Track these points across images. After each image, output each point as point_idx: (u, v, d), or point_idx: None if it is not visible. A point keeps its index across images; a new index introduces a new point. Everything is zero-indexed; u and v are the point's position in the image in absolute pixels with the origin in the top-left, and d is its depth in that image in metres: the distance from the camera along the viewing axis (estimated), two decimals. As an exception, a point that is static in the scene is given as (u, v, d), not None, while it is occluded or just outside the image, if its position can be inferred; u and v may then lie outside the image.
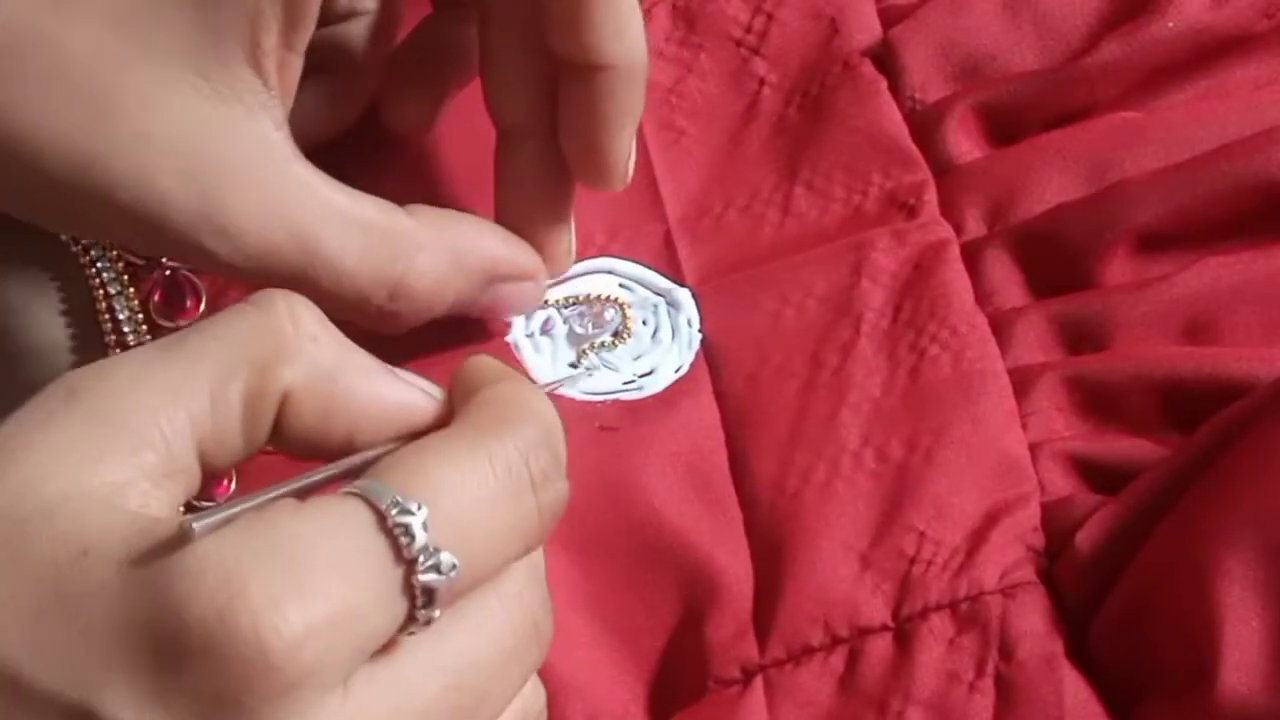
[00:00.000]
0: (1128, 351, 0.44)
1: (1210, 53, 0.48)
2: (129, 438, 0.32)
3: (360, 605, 0.31)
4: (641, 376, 0.46)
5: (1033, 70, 0.49)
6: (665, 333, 0.47)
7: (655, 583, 0.43)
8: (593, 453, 0.44)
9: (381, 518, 0.31)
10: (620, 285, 0.48)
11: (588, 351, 0.46)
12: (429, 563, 0.31)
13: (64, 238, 0.47)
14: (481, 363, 0.36)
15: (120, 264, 0.47)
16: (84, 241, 0.47)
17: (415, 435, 0.35)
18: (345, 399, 0.34)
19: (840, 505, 0.43)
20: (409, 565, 0.31)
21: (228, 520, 0.30)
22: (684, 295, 0.47)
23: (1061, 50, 0.49)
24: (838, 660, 0.42)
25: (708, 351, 0.46)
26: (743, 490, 0.44)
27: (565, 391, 0.45)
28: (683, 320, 0.47)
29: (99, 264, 0.47)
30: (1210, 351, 0.44)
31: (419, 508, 0.31)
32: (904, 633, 0.42)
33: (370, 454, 0.34)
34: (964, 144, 0.48)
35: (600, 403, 0.45)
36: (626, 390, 0.46)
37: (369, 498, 0.31)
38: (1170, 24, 0.47)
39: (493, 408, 0.34)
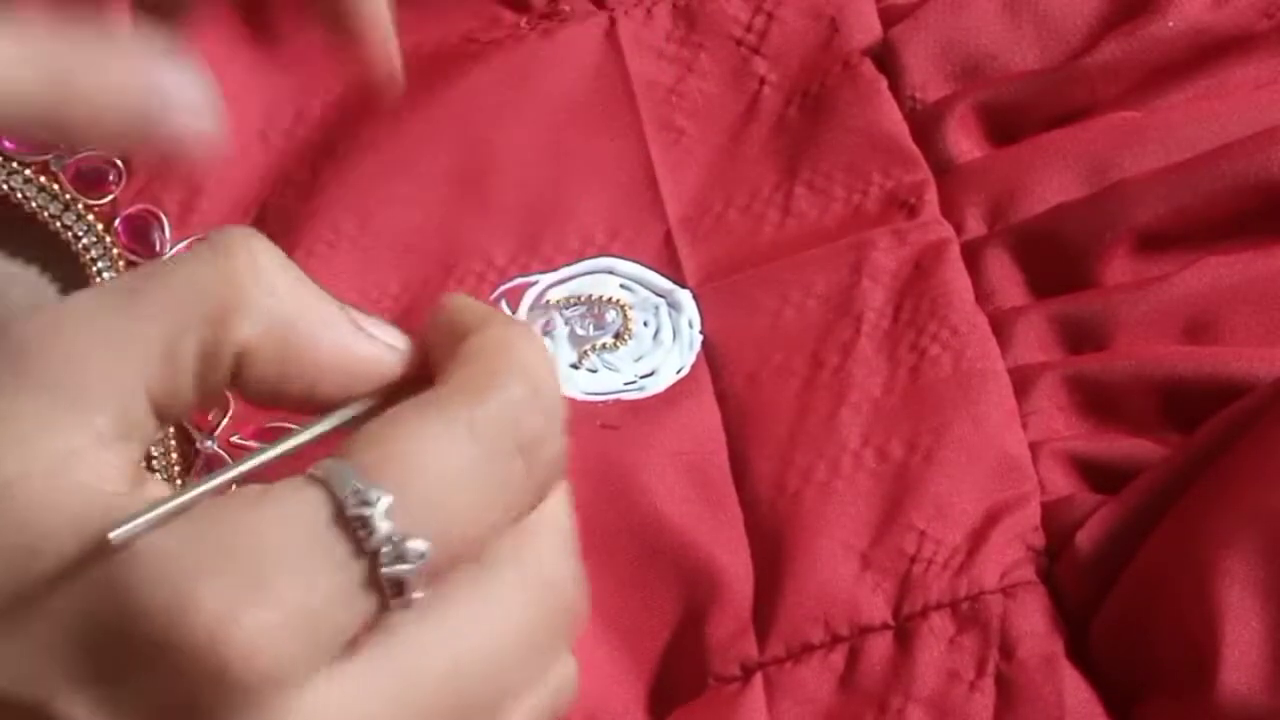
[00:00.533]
0: (1128, 351, 0.44)
1: (1210, 52, 0.48)
2: (79, 401, 0.31)
3: (320, 603, 0.29)
4: (643, 377, 0.46)
5: (1033, 70, 0.49)
6: (666, 334, 0.47)
7: (656, 581, 0.43)
8: (594, 452, 0.44)
9: (340, 508, 0.29)
10: (621, 285, 0.48)
11: (589, 353, 0.46)
12: (393, 554, 0.29)
13: (63, 235, 0.47)
14: (461, 306, 0.33)
15: (121, 262, 0.47)
16: (83, 240, 0.47)
17: (385, 389, 0.33)
18: (306, 353, 0.32)
19: (841, 504, 0.43)
20: (371, 558, 0.29)
21: (153, 523, 0.29)
22: (685, 296, 0.47)
23: (1062, 50, 0.49)
24: (838, 658, 0.42)
25: (709, 352, 0.46)
26: (743, 489, 0.44)
27: (566, 392, 0.45)
28: (684, 322, 0.47)
29: (100, 264, 0.47)
30: (1210, 351, 0.44)
31: (378, 498, 0.29)
32: (904, 631, 0.42)
33: (335, 416, 0.32)
34: (964, 143, 0.48)
35: (602, 403, 0.45)
36: (628, 390, 0.46)
37: (330, 484, 0.30)
38: (1170, 23, 0.47)
39: (475, 364, 0.32)
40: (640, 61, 0.50)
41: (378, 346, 0.33)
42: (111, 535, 0.29)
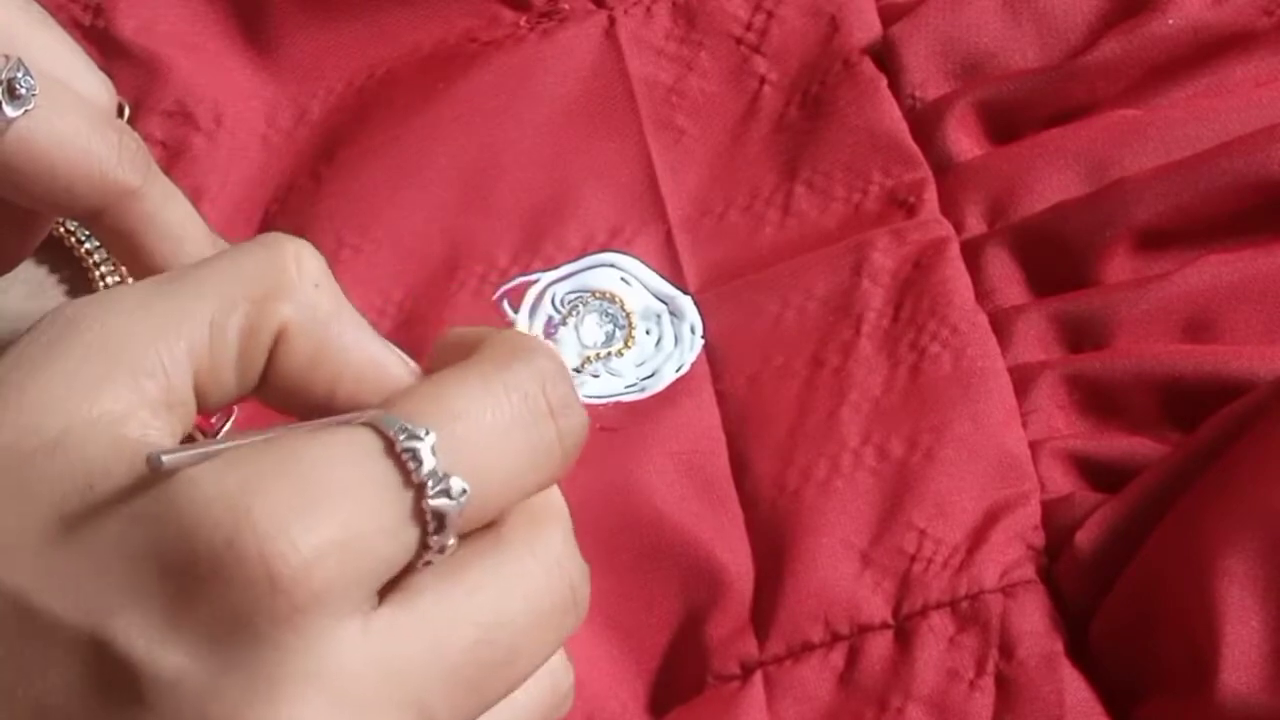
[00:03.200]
0: (1128, 349, 0.44)
1: (1210, 50, 0.48)
2: (129, 366, 0.32)
3: (369, 529, 0.30)
4: (643, 380, 0.46)
5: (1033, 68, 0.49)
6: (668, 341, 0.47)
7: (656, 580, 0.44)
8: (594, 452, 0.44)
9: (390, 443, 0.31)
10: (621, 279, 0.48)
11: (591, 360, 0.46)
12: (438, 487, 0.31)
13: (68, 242, 0.47)
14: (464, 329, 0.36)
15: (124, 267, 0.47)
16: (87, 245, 0.47)
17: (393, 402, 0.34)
18: (336, 347, 0.34)
19: (841, 503, 0.43)
20: (418, 490, 0.31)
21: (205, 456, 0.30)
22: (686, 303, 0.47)
23: (1061, 48, 0.49)
24: (838, 657, 0.42)
25: (710, 354, 0.46)
26: (744, 488, 0.44)
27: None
28: (685, 328, 0.47)
29: (102, 268, 0.47)
30: (1210, 349, 0.44)
31: (426, 433, 0.31)
32: (904, 630, 0.42)
33: (347, 418, 0.33)
34: (964, 142, 0.48)
35: (602, 405, 0.45)
36: (628, 392, 0.46)
37: (377, 425, 0.31)
38: (1170, 21, 0.47)
39: (503, 346, 0.34)
40: (640, 61, 0.50)
41: (397, 356, 0.35)
42: (165, 458, 0.30)
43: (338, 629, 0.30)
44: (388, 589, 0.31)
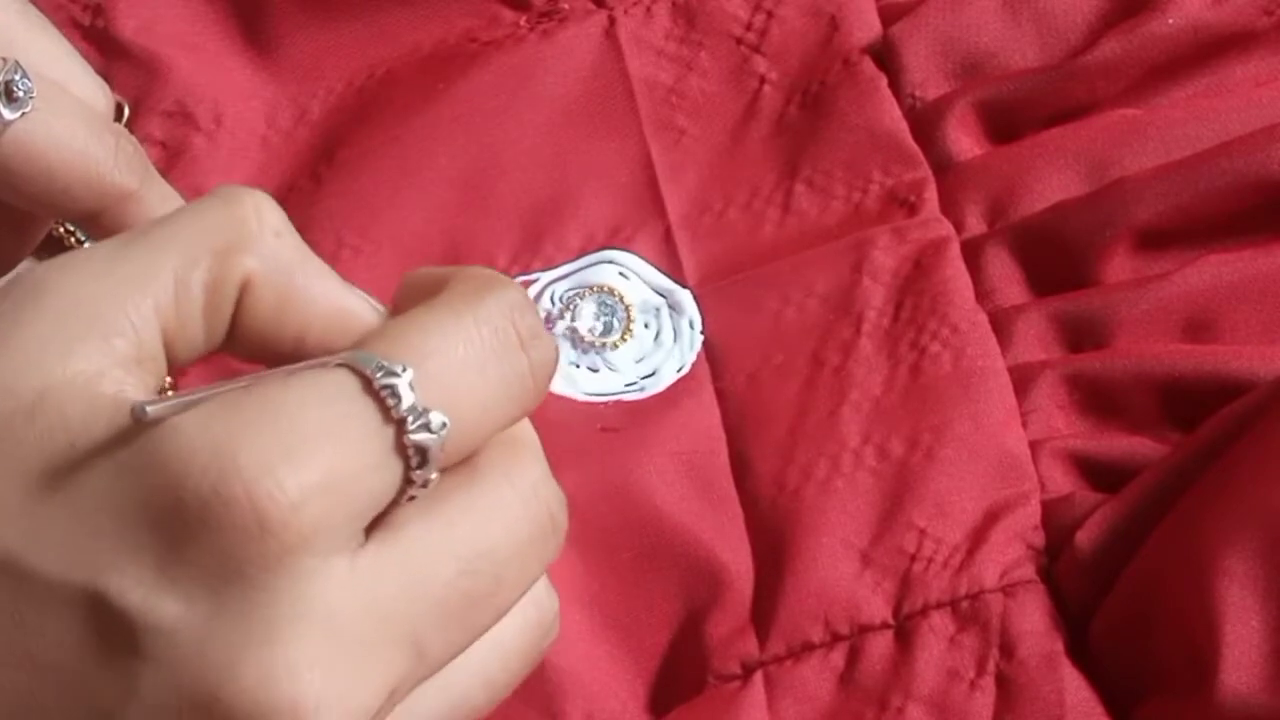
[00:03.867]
0: (1128, 349, 0.44)
1: (1210, 50, 0.48)
2: (98, 326, 0.32)
3: (354, 467, 0.31)
4: (644, 378, 0.46)
5: (1033, 67, 0.49)
6: (667, 335, 0.47)
7: (657, 580, 0.44)
8: (595, 452, 0.44)
9: (368, 381, 0.31)
10: (620, 274, 0.48)
11: (589, 350, 0.46)
12: (418, 422, 0.31)
13: (68, 242, 0.47)
14: (429, 269, 0.36)
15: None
16: (86, 244, 0.47)
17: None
18: (302, 295, 0.34)
19: (841, 503, 0.43)
20: (399, 425, 0.31)
21: (187, 405, 0.30)
22: (685, 297, 0.47)
23: (1061, 47, 0.49)
24: (838, 657, 0.42)
25: (709, 352, 0.46)
26: (744, 488, 0.44)
27: (567, 392, 0.46)
28: (684, 323, 0.47)
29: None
30: (1210, 349, 0.44)
31: (404, 369, 0.31)
32: (904, 630, 0.42)
33: (316, 363, 0.33)
34: (964, 141, 0.48)
35: (602, 404, 0.45)
36: (628, 391, 0.46)
37: (353, 365, 0.31)
38: (1170, 21, 0.47)
39: (470, 281, 0.34)
40: (640, 60, 0.50)
41: (364, 302, 0.35)
42: (150, 408, 0.30)
43: (326, 568, 0.30)
44: (372, 526, 0.32)
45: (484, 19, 0.51)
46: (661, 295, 0.47)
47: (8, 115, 0.38)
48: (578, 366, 0.46)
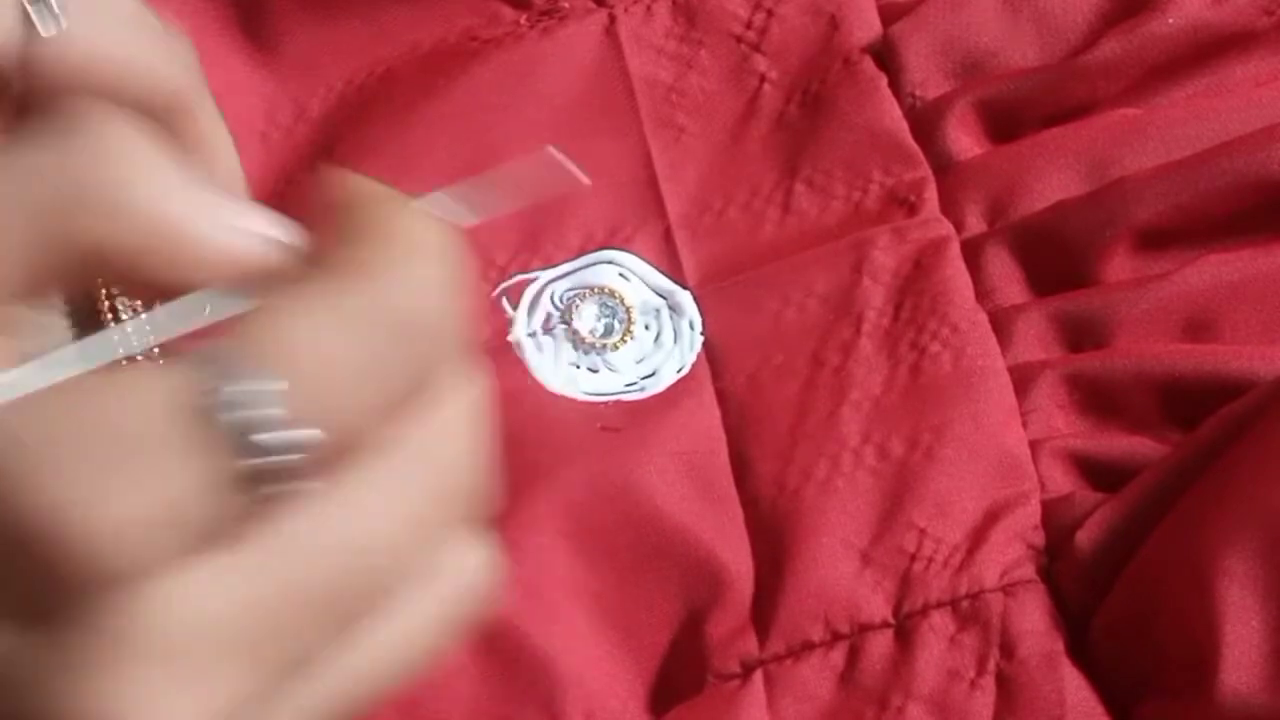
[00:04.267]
0: (1128, 349, 0.44)
1: (1210, 50, 0.48)
2: None
3: (180, 495, 0.27)
4: (644, 379, 0.46)
5: (1033, 67, 0.49)
6: (667, 336, 0.47)
7: (656, 580, 0.44)
8: (595, 452, 0.44)
9: (205, 394, 0.27)
10: (620, 275, 0.48)
11: (589, 351, 0.46)
12: (270, 439, 0.27)
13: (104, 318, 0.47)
14: (352, 182, 0.30)
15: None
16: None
17: (269, 278, 0.29)
18: (172, 246, 0.29)
19: (841, 502, 0.43)
20: (244, 446, 0.27)
21: None
22: (685, 298, 0.47)
23: (1061, 47, 0.49)
24: (838, 656, 0.42)
25: (709, 352, 0.46)
26: (744, 488, 0.44)
27: (567, 392, 0.46)
28: (684, 324, 0.47)
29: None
30: (1210, 349, 0.44)
31: (254, 381, 0.27)
32: (905, 630, 0.42)
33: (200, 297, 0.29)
34: (964, 141, 0.48)
35: (603, 404, 0.45)
36: (628, 391, 0.46)
37: (195, 370, 0.27)
38: (1170, 21, 0.47)
39: (367, 245, 0.29)
40: (640, 59, 0.50)
41: (258, 241, 0.30)
42: None
43: (152, 591, 0.27)
44: (220, 532, 0.28)
45: (484, 17, 0.51)
46: (662, 296, 0.47)
47: (49, 27, 0.37)
48: (578, 367, 0.46)
